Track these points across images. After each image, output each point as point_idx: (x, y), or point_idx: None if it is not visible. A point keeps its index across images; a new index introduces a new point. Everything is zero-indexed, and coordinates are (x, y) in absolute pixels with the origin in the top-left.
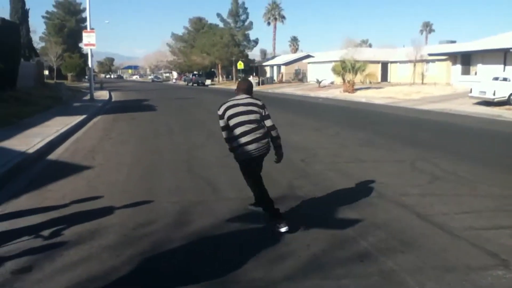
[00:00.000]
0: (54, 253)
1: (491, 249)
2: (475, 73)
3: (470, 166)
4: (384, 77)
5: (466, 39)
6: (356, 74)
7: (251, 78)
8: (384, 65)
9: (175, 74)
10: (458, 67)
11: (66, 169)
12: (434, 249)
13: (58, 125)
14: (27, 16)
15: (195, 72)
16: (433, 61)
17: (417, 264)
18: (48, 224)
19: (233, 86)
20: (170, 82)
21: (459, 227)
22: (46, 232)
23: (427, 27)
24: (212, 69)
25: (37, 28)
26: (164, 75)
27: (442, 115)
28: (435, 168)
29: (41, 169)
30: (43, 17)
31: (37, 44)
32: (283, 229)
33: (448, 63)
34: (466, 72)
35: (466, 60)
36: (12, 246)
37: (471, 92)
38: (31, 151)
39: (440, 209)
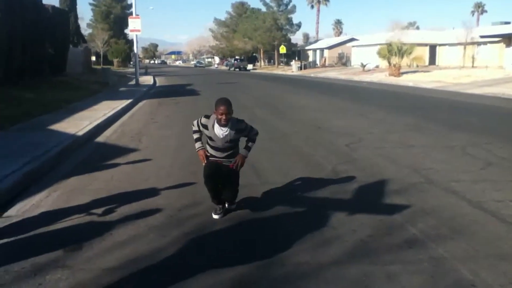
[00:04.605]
0: (104, 232)
1: None
2: None
3: None
4: (432, 60)
5: None
6: (402, 57)
7: (293, 62)
8: (432, 48)
9: (217, 59)
10: None
11: (113, 151)
12: (487, 237)
13: (105, 109)
14: (75, 4)
15: (237, 57)
16: (484, 43)
17: (469, 252)
18: (97, 203)
19: (275, 70)
20: (212, 67)
21: None
22: (95, 212)
23: (479, 8)
24: (254, 54)
25: (85, 15)
26: (207, 60)
27: (494, 100)
28: (487, 154)
29: (90, 150)
30: (90, 4)
31: (85, 30)
32: (215, 216)
33: (501, 45)
34: None
35: None
36: (63, 225)
37: None
38: (80, 133)
39: (493, 196)
